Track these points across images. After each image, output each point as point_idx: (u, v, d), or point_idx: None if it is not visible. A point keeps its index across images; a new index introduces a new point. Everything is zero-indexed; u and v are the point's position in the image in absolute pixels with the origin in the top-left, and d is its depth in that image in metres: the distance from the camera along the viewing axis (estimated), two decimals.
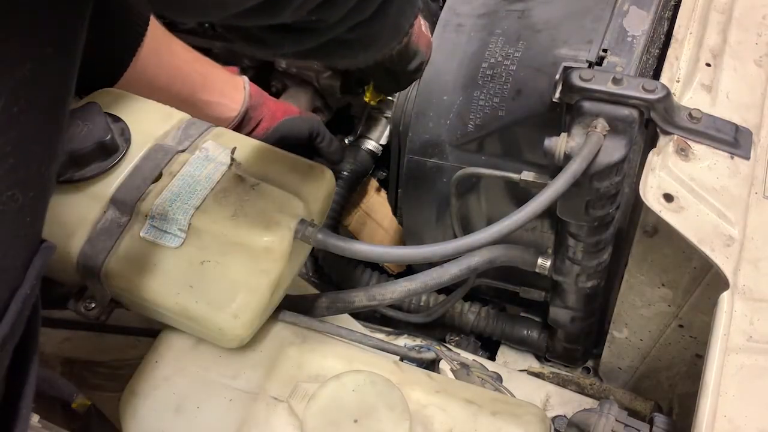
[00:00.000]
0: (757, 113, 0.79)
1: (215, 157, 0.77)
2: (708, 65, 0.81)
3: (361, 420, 0.70)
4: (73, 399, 0.76)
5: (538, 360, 1.14)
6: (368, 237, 1.24)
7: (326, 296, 0.91)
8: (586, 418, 0.78)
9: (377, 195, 1.26)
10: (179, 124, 0.82)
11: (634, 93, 0.71)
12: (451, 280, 0.90)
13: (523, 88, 0.84)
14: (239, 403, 0.75)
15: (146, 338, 0.86)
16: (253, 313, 0.72)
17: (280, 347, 0.79)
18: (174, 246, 0.72)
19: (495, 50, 0.87)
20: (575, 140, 0.72)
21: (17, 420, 0.51)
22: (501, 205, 0.93)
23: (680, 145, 0.75)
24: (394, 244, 1.23)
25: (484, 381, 0.90)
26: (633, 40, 0.81)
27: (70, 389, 0.77)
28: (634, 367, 1.02)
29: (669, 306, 0.88)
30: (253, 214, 0.74)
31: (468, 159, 0.90)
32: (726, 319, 0.66)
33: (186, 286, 0.72)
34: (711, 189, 0.73)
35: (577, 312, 0.97)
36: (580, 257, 0.85)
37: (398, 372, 0.78)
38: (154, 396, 0.75)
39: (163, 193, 0.73)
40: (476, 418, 0.73)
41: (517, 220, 0.69)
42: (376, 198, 1.26)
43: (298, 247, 0.77)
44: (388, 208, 1.22)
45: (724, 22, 0.85)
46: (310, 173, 0.82)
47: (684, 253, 0.80)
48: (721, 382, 0.63)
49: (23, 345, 0.51)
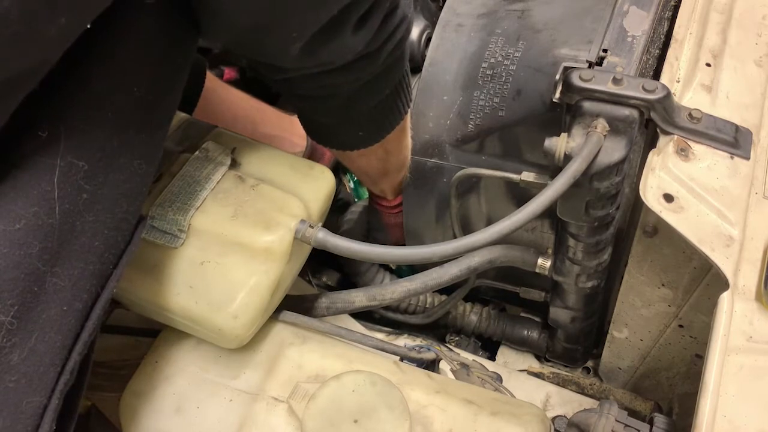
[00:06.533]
0: (757, 113, 0.79)
1: (215, 157, 0.77)
2: (708, 65, 0.81)
3: (361, 420, 0.70)
4: None
5: (538, 360, 1.14)
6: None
7: (326, 296, 0.91)
8: (586, 418, 0.78)
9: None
10: (179, 124, 0.82)
11: (634, 93, 0.71)
12: (451, 280, 0.90)
13: (523, 88, 0.84)
14: (239, 403, 0.75)
15: (146, 338, 0.86)
16: (253, 313, 0.72)
17: (280, 348, 0.79)
18: (174, 246, 0.72)
19: (495, 50, 0.87)
20: (575, 140, 0.72)
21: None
22: (501, 205, 0.93)
23: (680, 145, 0.75)
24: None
25: (484, 381, 0.90)
26: (633, 40, 0.81)
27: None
28: (634, 367, 1.02)
29: (669, 306, 0.88)
30: (253, 215, 0.74)
31: (468, 159, 0.90)
32: (726, 319, 0.66)
33: (186, 287, 0.72)
34: (711, 189, 0.73)
35: (577, 312, 0.97)
36: (580, 257, 0.85)
37: (398, 372, 0.78)
38: (154, 396, 0.75)
39: (163, 193, 0.73)
40: (476, 418, 0.73)
41: (517, 220, 0.69)
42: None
43: (298, 247, 0.77)
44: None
45: (724, 22, 0.85)
46: (310, 173, 0.82)
47: (684, 253, 0.80)
48: (721, 382, 0.63)
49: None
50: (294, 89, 0.69)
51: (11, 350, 0.47)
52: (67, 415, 0.55)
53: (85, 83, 0.50)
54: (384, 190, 0.98)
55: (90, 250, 0.52)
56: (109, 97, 0.52)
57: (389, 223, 1.05)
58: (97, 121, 0.51)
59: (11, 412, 0.47)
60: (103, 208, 0.53)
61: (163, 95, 0.57)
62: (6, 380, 0.47)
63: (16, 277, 0.46)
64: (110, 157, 0.52)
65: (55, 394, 0.51)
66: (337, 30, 0.57)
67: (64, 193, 0.49)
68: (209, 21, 0.57)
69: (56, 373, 0.51)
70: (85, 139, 0.50)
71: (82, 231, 0.51)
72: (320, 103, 0.71)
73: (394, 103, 0.75)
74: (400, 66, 0.71)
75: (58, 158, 0.48)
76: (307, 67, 0.62)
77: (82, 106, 0.50)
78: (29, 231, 0.47)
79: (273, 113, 1.06)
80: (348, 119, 0.75)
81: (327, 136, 0.81)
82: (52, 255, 0.49)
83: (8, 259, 0.46)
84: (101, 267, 0.54)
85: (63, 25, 0.43)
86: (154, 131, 0.57)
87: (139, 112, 0.54)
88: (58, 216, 0.49)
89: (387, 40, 0.63)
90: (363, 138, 0.79)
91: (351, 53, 0.61)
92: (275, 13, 0.54)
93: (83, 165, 0.50)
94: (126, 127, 0.53)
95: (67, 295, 0.51)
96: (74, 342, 0.53)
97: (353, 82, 0.67)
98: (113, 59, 0.51)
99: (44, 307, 0.49)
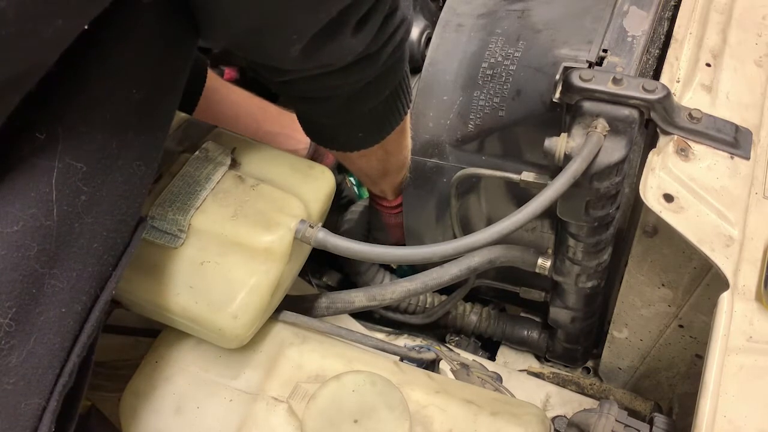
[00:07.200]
0: (757, 113, 0.78)
1: (215, 157, 0.77)
2: (708, 65, 0.81)
3: (361, 420, 0.70)
4: None
5: (538, 360, 1.14)
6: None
7: (326, 296, 0.91)
8: (586, 418, 0.78)
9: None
10: (179, 124, 0.82)
11: (634, 93, 0.71)
12: (451, 280, 0.90)
13: (523, 88, 0.84)
14: (239, 403, 0.75)
15: (146, 338, 0.86)
16: (253, 313, 0.72)
17: (280, 348, 0.79)
18: (174, 246, 0.72)
19: (495, 50, 0.87)
20: (575, 140, 0.72)
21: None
22: (501, 205, 0.93)
23: (680, 145, 0.75)
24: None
25: (484, 381, 0.90)
26: (633, 40, 0.81)
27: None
28: (634, 367, 1.02)
29: (669, 306, 0.88)
30: (253, 215, 0.74)
31: (468, 159, 0.90)
32: (726, 319, 0.66)
33: (186, 287, 0.72)
34: (711, 189, 0.73)
35: (577, 312, 0.97)
36: (580, 257, 0.85)
37: (398, 372, 0.78)
38: (154, 396, 0.75)
39: (163, 193, 0.73)
40: (476, 418, 0.73)
41: (517, 220, 0.69)
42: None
43: (298, 247, 0.77)
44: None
45: (724, 22, 0.85)
46: (310, 173, 0.82)
47: (684, 253, 0.80)
48: (721, 383, 0.63)
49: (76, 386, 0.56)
50: (294, 91, 0.69)
51: (9, 352, 0.47)
52: (67, 417, 0.55)
53: (83, 85, 0.50)
54: (384, 191, 0.99)
55: (89, 251, 0.52)
56: (108, 99, 0.51)
57: (390, 223, 1.05)
58: (95, 123, 0.51)
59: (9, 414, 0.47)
60: (102, 210, 0.53)
61: (163, 96, 0.57)
62: (4, 382, 0.47)
63: (14, 279, 0.46)
64: (109, 158, 0.52)
65: (53, 395, 0.51)
66: (336, 32, 0.57)
67: (62, 194, 0.49)
68: (208, 23, 0.57)
69: (55, 375, 0.51)
70: (83, 141, 0.50)
71: (81, 233, 0.51)
72: (320, 104, 0.71)
73: (394, 104, 0.75)
74: (400, 67, 0.71)
75: (56, 160, 0.48)
76: (307, 69, 0.62)
77: (80, 108, 0.50)
78: (27, 233, 0.47)
79: (276, 111, 1.06)
80: (348, 120, 0.75)
81: (327, 138, 0.81)
82: (50, 257, 0.49)
83: (6, 261, 0.46)
84: (100, 269, 0.54)
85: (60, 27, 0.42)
86: (154, 132, 0.57)
87: (138, 113, 0.54)
88: (56, 218, 0.49)
89: (387, 42, 0.63)
90: (363, 139, 0.79)
91: (351, 55, 0.61)
92: (274, 15, 0.54)
93: (81, 166, 0.50)
94: (125, 129, 0.53)
95: (65, 297, 0.51)
96: (73, 344, 0.53)
97: (353, 84, 0.67)
98: (112, 60, 0.51)
99: (43, 309, 0.49)
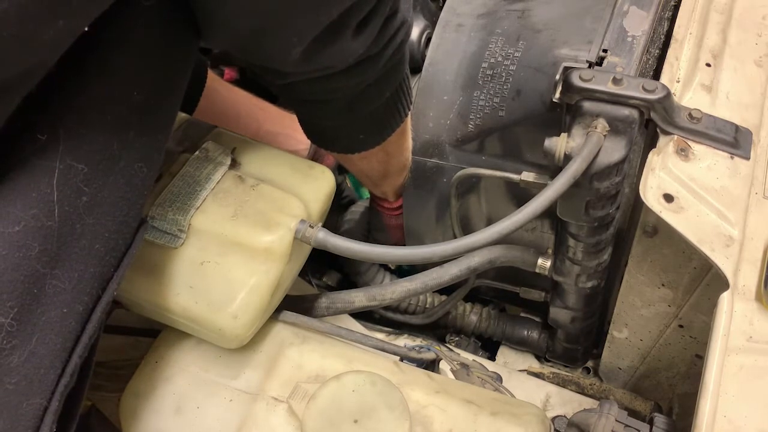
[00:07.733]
0: (757, 113, 0.78)
1: (215, 157, 0.77)
2: (708, 65, 0.81)
3: (361, 420, 0.70)
4: None
5: (538, 360, 1.14)
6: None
7: (326, 296, 0.91)
8: (586, 418, 0.78)
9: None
10: (179, 124, 0.82)
11: (634, 93, 0.71)
12: (451, 280, 0.90)
13: (523, 88, 0.84)
14: (239, 403, 0.75)
15: (146, 338, 0.86)
16: (253, 313, 0.72)
17: (280, 348, 0.79)
18: (174, 246, 0.72)
19: (495, 50, 0.87)
20: (575, 140, 0.72)
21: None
22: (501, 205, 0.93)
23: (680, 145, 0.75)
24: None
25: (484, 381, 0.90)
26: (633, 40, 0.81)
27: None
28: (634, 367, 1.02)
29: (669, 306, 0.88)
30: (253, 215, 0.74)
31: (468, 159, 0.90)
32: (726, 319, 0.66)
33: (186, 287, 0.72)
34: (711, 189, 0.73)
35: (577, 312, 0.97)
36: (580, 257, 0.85)
37: (398, 372, 0.78)
38: (154, 396, 0.75)
39: (163, 193, 0.73)
40: (476, 418, 0.73)
41: (517, 220, 0.69)
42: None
43: (298, 247, 0.77)
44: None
45: (724, 22, 0.85)
46: (310, 173, 0.82)
47: (684, 253, 0.80)
48: (721, 383, 0.63)
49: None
50: (295, 94, 0.69)
51: (11, 352, 0.47)
52: (68, 417, 0.55)
53: (84, 86, 0.50)
54: (385, 192, 0.99)
55: (90, 252, 0.52)
56: (109, 100, 0.52)
57: (390, 224, 1.05)
58: (96, 124, 0.51)
59: (11, 414, 0.47)
60: (104, 211, 0.53)
61: (164, 98, 0.57)
62: (6, 382, 0.47)
63: (16, 278, 0.46)
64: (110, 159, 0.52)
65: (55, 396, 0.51)
66: (337, 34, 0.57)
67: (63, 195, 0.49)
68: (209, 24, 0.57)
69: (56, 375, 0.51)
70: (84, 142, 0.50)
71: (83, 233, 0.51)
72: (321, 106, 0.71)
73: (394, 106, 0.75)
74: (401, 69, 0.71)
75: (57, 161, 0.48)
76: (308, 72, 0.62)
77: (81, 109, 0.50)
78: (28, 233, 0.47)
79: (276, 111, 1.06)
80: (349, 123, 0.75)
81: (328, 140, 0.81)
82: (51, 257, 0.49)
83: (7, 261, 0.46)
84: (102, 269, 0.54)
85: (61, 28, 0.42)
86: (156, 134, 0.57)
87: (139, 115, 0.54)
88: (58, 218, 0.49)
89: (387, 44, 0.63)
90: (364, 141, 0.79)
91: (351, 57, 0.61)
92: (275, 18, 0.54)
93: (83, 168, 0.50)
94: (126, 130, 0.53)
95: (67, 298, 0.51)
96: (75, 344, 0.53)
97: (354, 86, 0.67)
98: (112, 62, 0.51)
99: (44, 309, 0.49)
